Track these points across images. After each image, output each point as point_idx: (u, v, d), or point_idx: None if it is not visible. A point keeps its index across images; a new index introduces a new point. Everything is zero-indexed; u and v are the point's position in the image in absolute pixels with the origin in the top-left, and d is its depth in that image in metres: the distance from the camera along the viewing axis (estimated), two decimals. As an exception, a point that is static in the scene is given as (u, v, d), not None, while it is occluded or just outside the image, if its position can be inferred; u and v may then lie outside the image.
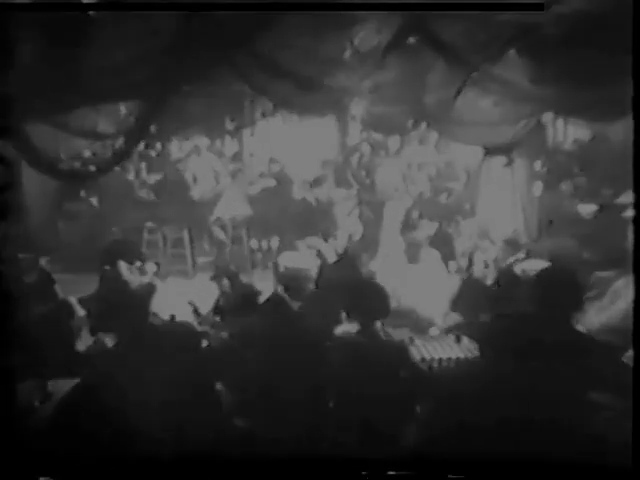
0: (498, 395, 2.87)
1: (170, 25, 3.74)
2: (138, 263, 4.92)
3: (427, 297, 5.28)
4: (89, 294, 4.82)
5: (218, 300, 4.94)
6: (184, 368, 3.13)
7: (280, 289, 3.94)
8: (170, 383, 2.98)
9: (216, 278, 5.03)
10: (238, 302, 4.49)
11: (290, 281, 3.94)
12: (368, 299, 3.54)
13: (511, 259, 5.18)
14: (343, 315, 3.99)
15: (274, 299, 3.96)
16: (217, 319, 4.70)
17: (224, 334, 4.11)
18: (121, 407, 2.92)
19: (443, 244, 6.54)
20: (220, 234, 8.19)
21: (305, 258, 4.48)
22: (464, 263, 5.83)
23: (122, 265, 4.82)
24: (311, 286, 4.06)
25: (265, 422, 3.29)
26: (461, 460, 2.93)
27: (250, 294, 4.58)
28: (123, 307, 4.03)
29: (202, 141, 8.96)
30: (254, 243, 8.21)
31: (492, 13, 4.03)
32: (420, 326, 4.90)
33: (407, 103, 5.61)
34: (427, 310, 5.17)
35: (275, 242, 8.02)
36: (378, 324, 3.53)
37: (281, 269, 4.12)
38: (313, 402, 3.37)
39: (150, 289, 4.70)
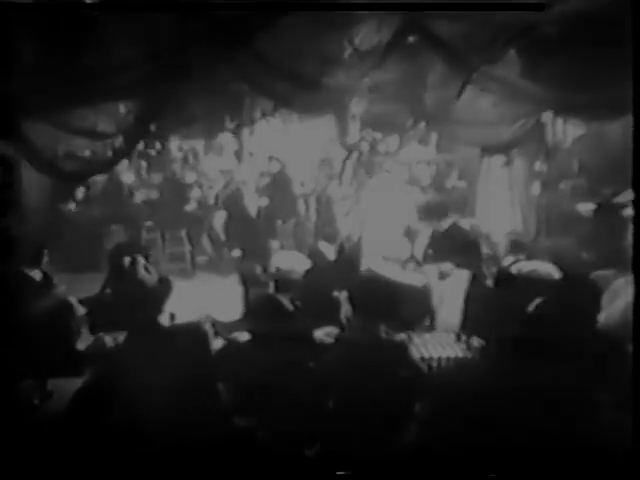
0: (497, 394, 2.88)
1: (170, 25, 3.74)
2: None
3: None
4: (93, 294, 4.83)
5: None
6: (188, 367, 3.13)
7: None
8: (173, 382, 2.99)
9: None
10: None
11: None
12: (377, 300, 3.54)
13: (510, 259, 5.17)
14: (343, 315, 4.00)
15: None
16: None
17: (230, 334, 4.11)
18: (123, 406, 2.92)
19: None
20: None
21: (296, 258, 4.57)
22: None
23: (140, 262, 4.81)
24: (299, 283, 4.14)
25: (265, 421, 3.30)
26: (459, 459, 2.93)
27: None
28: (137, 304, 3.95)
29: (202, 141, 8.96)
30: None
31: (492, 13, 4.03)
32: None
33: (407, 102, 5.63)
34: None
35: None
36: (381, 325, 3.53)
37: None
38: (313, 401, 3.37)
39: (166, 287, 4.59)
